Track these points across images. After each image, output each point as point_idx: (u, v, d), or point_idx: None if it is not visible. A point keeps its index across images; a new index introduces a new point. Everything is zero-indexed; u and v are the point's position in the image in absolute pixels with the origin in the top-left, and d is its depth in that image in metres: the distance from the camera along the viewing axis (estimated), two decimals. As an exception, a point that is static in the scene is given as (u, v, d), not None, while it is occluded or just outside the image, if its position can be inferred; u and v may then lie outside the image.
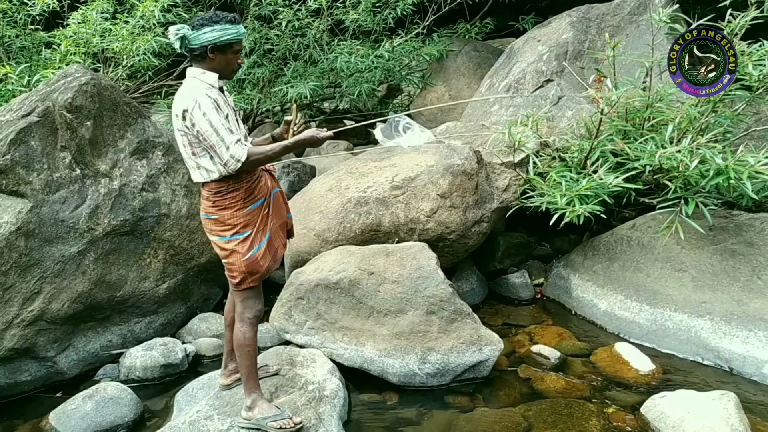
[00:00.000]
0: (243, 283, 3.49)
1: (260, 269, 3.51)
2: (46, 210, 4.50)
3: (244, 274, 3.46)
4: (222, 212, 3.39)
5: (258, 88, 8.38)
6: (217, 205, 3.39)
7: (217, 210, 3.39)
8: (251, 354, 3.58)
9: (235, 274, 3.46)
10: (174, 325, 5.22)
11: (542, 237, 6.53)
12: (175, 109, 3.28)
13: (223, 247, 3.45)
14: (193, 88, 3.25)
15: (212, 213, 3.41)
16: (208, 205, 3.42)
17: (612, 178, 4.88)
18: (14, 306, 4.37)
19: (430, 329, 4.43)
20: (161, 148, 5.13)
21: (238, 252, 3.43)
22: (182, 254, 5.15)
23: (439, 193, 5.21)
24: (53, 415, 4.08)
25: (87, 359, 4.75)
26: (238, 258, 3.43)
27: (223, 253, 3.47)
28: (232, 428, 3.59)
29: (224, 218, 3.40)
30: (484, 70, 8.45)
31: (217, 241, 3.46)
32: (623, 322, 5.08)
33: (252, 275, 3.49)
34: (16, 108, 4.73)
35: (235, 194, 3.39)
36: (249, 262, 3.45)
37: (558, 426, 3.91)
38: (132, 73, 7.51)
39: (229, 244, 3.43)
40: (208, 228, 3.49)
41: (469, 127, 6.55)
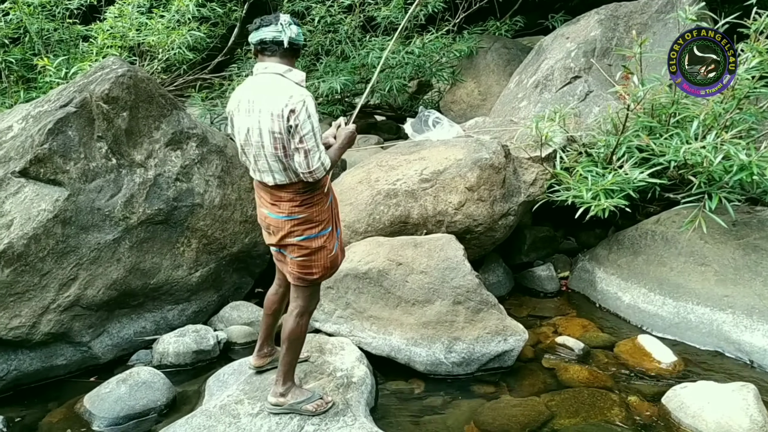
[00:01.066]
0: (321, 278, 3.55)
1: (338, 263, 3.60)
2: (83, 198, 4.61)
3: (325, 269, 3.51)
4: (310, 210, 3.38)
5: (290, 83, 8.43)
6: (306, 204, 3.36)
7: (306, 209, 3.37)
8: (300, 346, 3.67)
9: (315, 270, 3.48)
10: (206, 313, 5.30)
11: (568, 231, 6.57)
12: (269, 108, 3.17)
13: (308, 246, 3.42)
14: (290, 87, 3.20)
15: (299, 213, 3.37)
16: (293, 206, 3.36)
17: (637, 173, 4.95)
18: (51, 291, 4.48)
19: (457, 319, 4.49)
20: (195, 139, 5.22)
21: (326, 248, 3.46)
22: (215, 243, 5.23)
23: (467, 187, 5.25)
24: (88, 398, 4.18)
25: (121, 345, 4.85)
26: (324, 254, 3.47)
27: (306, 251, 3.43)
28: (261, 412, 3.67)
29: (313, 216, 3.39)
30: (513, 67, 8.48)
31: (301, 241, 3.41)
32: (646, 314, 5.14)
33: (331, 270, 3.57)
34: (54, 99, 4.85)
35: (320, 191, 3.39)
36: (333, 257, 3.51)
37: (580, 415, 3.99)
38: (167, 67, 7.62)
39: (316, 242, 3.43)
40: (288, 230, 3.41)
41: (498, 122, 6.58)
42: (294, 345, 3.61)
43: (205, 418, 3.68)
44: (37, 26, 7.07)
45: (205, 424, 3.64)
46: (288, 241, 3.45)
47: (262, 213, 3.54)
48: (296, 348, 3.63)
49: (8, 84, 7.20)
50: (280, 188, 3.36)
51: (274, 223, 3.44)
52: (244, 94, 3.34)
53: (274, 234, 3.49)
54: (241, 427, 3.59)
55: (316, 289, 3.66)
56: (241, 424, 3.60)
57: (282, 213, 3.39)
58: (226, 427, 3.59)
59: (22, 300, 4.36)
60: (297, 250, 3.44)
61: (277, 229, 3.44)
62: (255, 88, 3.29)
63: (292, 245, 3.45)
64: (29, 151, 4.50)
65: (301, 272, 3.50)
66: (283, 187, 3.35)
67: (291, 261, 3.51)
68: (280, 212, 3.39)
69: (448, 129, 6.13)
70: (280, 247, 3.54)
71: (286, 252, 3.52)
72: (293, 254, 3.47)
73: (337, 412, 3.69)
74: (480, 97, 9.00)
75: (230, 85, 7.95)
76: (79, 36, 7.44)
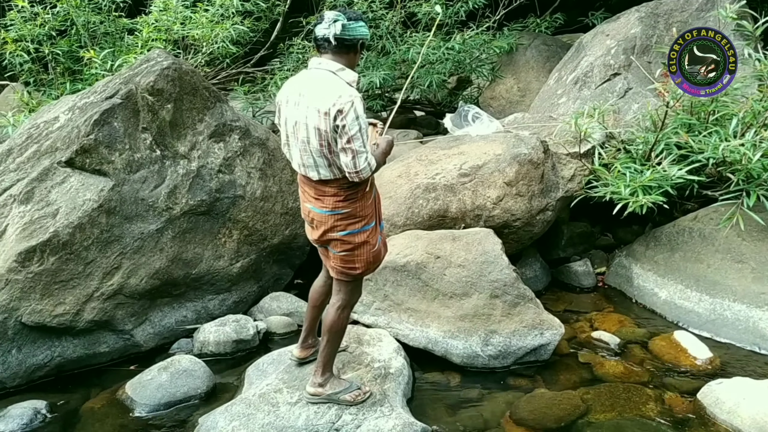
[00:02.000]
0: (364, 273, 3.57)
1: (381, 258, 3.63)
2: (127, 189, 4.69)
3: (368, 264, 3.54)
4: (354, 205, 3.39)
5: (330, 78, 8.48)
6: (350, 199, 3.38)
7: (350, 204, 3.38)
8: (340, 339, 3.73)
9: (359, 265, 3.50)
10: (246, 303, 5.35)
11: (605, 227, 6.53)
12: (317, 104, 3.17)
13: (351, 241, 3.44)
14: (340, 86, 3.19)
15: (343, 208, 3.38)
16: (337, 201, 3.38)
17: (675, 170, 4.95)
18: (95, 280, 4.56)
19: (494, 312, 4.51)
20: (238, 131, 5.28)
21: (369, 243, 3.49)
22: (256, 235, 5.29)
23: (505, 181, 5.24)
24: (129, 385, 4.26)
25: (162, 333, 4.92)
26: (367, 249, 3.49)
27: (349, 246, 3.45)
28: (300, 401, 3.72)
29: (356, 211, 3.41)
30: (553, 64, 8.44)
31: (345, 236, 3.43)
32: (683, 311, 5.11)
33: (374, 264, 3.59)
34: (100, 90, 4.94)
35: (364, 186, 3.41)
36: (376, 252, 3.54)
37: (616, 409, 4.00)
38: (210, 60, 7.70)
39: (359, 237, 3.44)
40: (332, 224, 3.42)
41: (537, 118, 6.56)
42: (334, 337, 3.64)
43: (244, 406, 3.74)
44: (83, 19, 7.20)
45: (244, 411, 3.70)
46: (331, 236, 3.46)
47: (305, 208, 3.56)
48: (336, 340, 3.67)
49: (55, 76, 7.36)
50: (324, 183, 3.37)
51: (318, 217, 3.46)
52: (295, 86, 3.36)
53: (317, 228, 3.50)
54: (280, 415, 3.63)
55: (359, 284, 3.69)
56: (279, 413, 3.65)
57: (326, 207, 3.40)
58: (265, 415, 3.65)
59: (67, 288, 4.45)
60: (340, 245, 3.46)
61: (321, 223, 3.46)
62: (306, 83, 3.30)
63: (336, 240, 3.46)
64: (75, 142, 4.59)
65: (344, 267, 3.52)
66: (327, 182, 3.36)
67: (334, 256, 3.52)
68: (324, 207, 3.41)
69: (488, 124, 6.12)
70: (323, 243, 3.56)
71: (329, 247, 3.53)
72: (336, 249, 3.49)
73: (375, 403, 3.72)
74: (519, 94, 8.96)
75: (272, 79, 8.00)
76: (125, 29, 7.56)
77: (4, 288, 4.28)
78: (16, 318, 4.31)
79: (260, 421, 3.61)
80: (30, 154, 4.70)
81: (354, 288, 3.65)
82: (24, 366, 4.39)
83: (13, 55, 7.01)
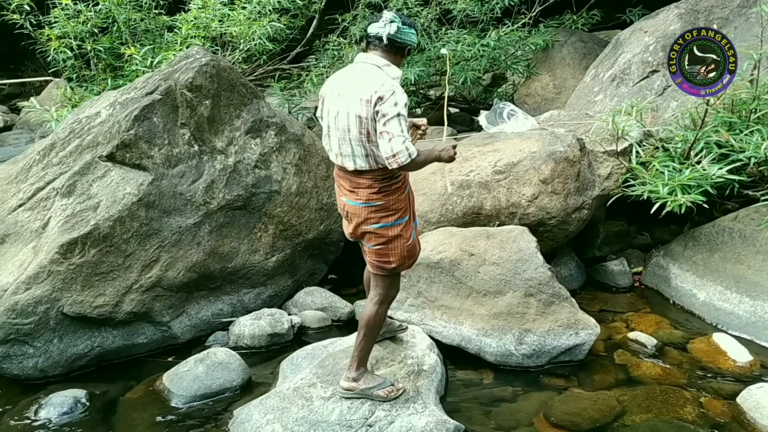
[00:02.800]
0: (399, 267, 3.59)
1: (416, 253, 3.66)
2: (166, 183, 4.77)
3: (403, 258, 3.56)
4: (388, 198, 3.43)
5: (365, 74, 8.51)
6: (383, 191, 3.41)
7: (384, 196, 3.42)
8: (377, 334, 3.73)
9: (393, 259, 3.52)
10: (281, 297, 5.41)
11: (642, 226, 6.45)
12: (359, 93, 3.25)
13: (385, 234, 3.47)
14: (381, 76, 3.28)
15: (377, 200, 3.42)
16: (371, 193, 3.42)
17: (716, 169, 4.87)
18: (134, 272, 4.65)
19: (528, 311, 4.49)
20: (274, 127, 5.34)
21: (403, 237, 3.51)
22: (291, 230, 5.34)
23: (541, 179, 5.22)
24: (167, 376, 4.33)
25: (199, 326, 4.99)
26: (401, 243, 3.51)
27: (383, 240, 3.48)
28: (333, 396, 3.73)
29: (389, 204, 3.44)
30: (589, 61, 8.37)
31: (378, 229, 3.46)
32: (722, 312, 5.02)
33: (409, 259, 3.61)
34: (140, 86, 5.02)
35: (399, 178, 3.47)
36: (411, 246, 3.56)
37: (652, 411, 3.94)
38: (248, 57, 7.79)
39: (393, 230, 3.47)
40: (365, 217, 3.46)
41: (573, 115, 6.51)
42: (370, 332, 3.65)
43: (278, 400, 3.78)
44: (124, 16, 7.33)
45: (278, 405, 3.73)
46: (364, 229, 3.49)
47: (341, 202, 3.60)
48: (372, 335, 3.68)
49: (96, 72, 7.49)
50: (359, 174, 3.41)
51: (352, 210, 3.50)
52: (339, 78, 3.45)
53: (351, 221, 3.55)
54: (314, 409, 3.66)
55: (396, 279, 3.71)
56: (313, 407, 3.68)
57: (359, 199, 3.44)
58: (298, 409, 3.68)
59: (107, 280, 4.54)
60: (374, 238, 3.49)
61: (354, 215, 3.50)
62: (351, 75, 3.39)
63: (369, 233, 3.49)
64: (116, 137, 4.68)
65: (379, 261, 3.55)
66: (362, 173, 3.40)
67: (369, 250, 3.56)
68: (358, 199, 3.45)
69: (523, 121, 6.09)
70: (358, 237, 3.60)
71: (364, 241, 3.57)
72: (370, 243, 3.52)
73: (408, 399, 3.73)
74: (555, 91, 8.91)
75: (308, 75, 8.06)
76: (165, 26, 7.68)
77: (47, 279, 4.37)
78: (57, 308, 4.40)
79: (294, 415, 3.64)
80: (72, 149, 4.80)
81: (391, 283, 3.67)
82: (65, 356, 4.48)
83: (56, 51, 7.17)
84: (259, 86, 8.28)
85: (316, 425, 3.58)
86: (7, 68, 13.05)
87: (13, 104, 11.70)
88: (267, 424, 3.62)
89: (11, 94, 12.80)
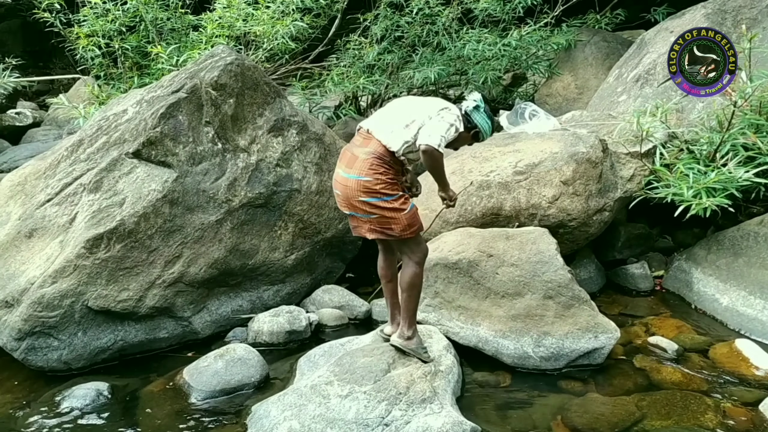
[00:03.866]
0: (404, 232, 3.79)
1: (418, 221, 3.87)
2: (190, 180, 4.84)
3: (405, 227, 3.78)
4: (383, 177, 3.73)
5: (387, 74, 8.55)
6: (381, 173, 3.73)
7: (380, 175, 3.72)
8: (419, 293, 4.01)
9: (395, 226, 3.76)
10: (299, 295, 5.46)
11: (664, 229, 6.35)
12: (435, 105, 3.86)
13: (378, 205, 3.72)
14: (451, 110, 3.84)
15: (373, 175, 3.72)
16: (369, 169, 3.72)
17: (742, 172, 4.81)
18: (157, 268, 4.72)
19: (547, 313, 4.48)
20: (296, 126, 5.39)
21: (398, 209, 3.75)
22: (310, 228, 5.39)
23: (562, 180, 5.20)
24: (187, 371, 4.39)
25: (219, 321, 5.06)
26: (400, 214, 3.75)
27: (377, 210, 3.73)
28: (351, 394, 3.76)
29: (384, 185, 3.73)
30: (612, 61, 8.31)
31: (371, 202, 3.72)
32: (745, 318, 4.94)
33: (413, 228, 3.82)
34: (166, 85, 5.10)
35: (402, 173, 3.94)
36: (410, 215, 3.80)
37: (672, 418, 3.88)
38: (270, 56, 7.84)
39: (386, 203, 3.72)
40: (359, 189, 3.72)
41: (595, 116, 6.48)
42: (413, 292, 3.94)
43: (296, 397, 3.82)
44: (151, 15, 7.44)
45: (296, 402, 3.78)
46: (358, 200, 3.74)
47: (337, 174, 3.88)
48: (416, 295, 3.97)
49: (123, 70, 7.60)
50: (372, 150, 3.75)
51: (344, 182, 3.78)
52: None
53: (343, 194, 3.82)
54: (331, 407, 3.70)
55: (415, 241, 3.92)
56: (330, 405, 3.72)
57: (354, 173, 3.73)
58: (316, 406, 3.72)
59: (131, 275, 4.62)
60: (369, 208, 3.75)
61: (347, 188, 3.77)
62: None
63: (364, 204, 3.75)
64: (142, 134, 4.76)
65: (382, 228, 3.80)
66: (375, 151, 3.75)
67: (368, 220, 3.82)
68: (352, 172, 3.74)
69: (545, 121, 6.07)
70: (353, 209, 3.82)
71: (360, 214, 3.82)
72: (365, 214, 3.79)
73: (424, 399, 3.74)
74: (577, 91, 8.86)
75: (329, 75, 8.10)
76: (190, 25, 7.79)
77: (73, 273, 4.46)
78: (82, 302, 4.49)
79: (311, 412, 3.69)
80: (99, 145, 4.90)
81: (413, 244, 3.90)
82: (89, 349, 4.57)
83: (85, 49, 7.29)
84: (281, 85, 8.33)
85: (332, 423, 3.62)
86: (36, 66, 13.23)
87: (41, 101, 11.86)
88: (284, 421, 3.66)
89: (40, 92, 12.99)
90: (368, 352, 4.14)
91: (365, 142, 3.81)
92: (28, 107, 11.26)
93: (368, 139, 3.81)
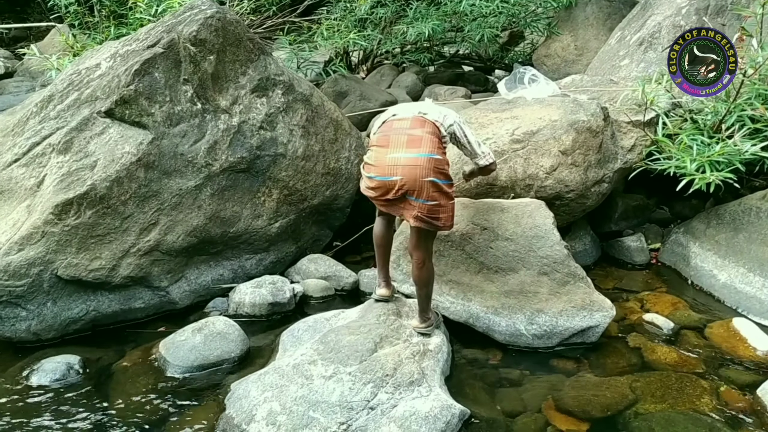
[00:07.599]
0: (447, 222, 3.83)
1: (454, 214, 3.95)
2: (166, 143, 4.57)
3: (448, 219, 3.83)
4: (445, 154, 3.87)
5: (379, 29, 8.26)
6: (443, 147, 3.89)
7: (443, 151, 3.86)
8: (432, 283, 4.04)
9: (443, 215, 3.78)
10: (283, 264, 5.27)
11: (661, 200, 6.13)
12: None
13: (441, 188, 3.73)
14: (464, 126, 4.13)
15: (439, 153, 3.77)
16: (434, 146, 3.76)
17: (749, 145, 4.65)
18: (131, 235, 4.49)
19: (541, 290, 4.32)
20: (281, 86, 5.10)
21: (453, 198, 3.87)
22: (296, 195, 5.15)
23: (560, 150, 4.97)
24: (163, 345, 4.20)
25: (198, 291, 4.86)
26: (453, 204, 3.87)
27: (437, 194, 3.71)
28: (335, 375, 3.61)
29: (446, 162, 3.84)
30: (615, 22, 8.06)
31: (436, 182, 3.70)
32: (744, 296, 4.80)
33: (453, 218, 3.90)
34: (142, 38, 4.79)
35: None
36: (454, 205, 3.90)
37: (666, 401, 3.76)
38: (256, 8, 7.52)
39: (447, 187, 3.78)
40: (428, 167, 3.68)
41: (596, 81, 6.24)
42: (427, 285, 3.99)
43: (277, 377, 3.64)
44: (130, -39, 7.06)
45: (277, 382, 3.60)
46: (424, 180, 3.66)
47: (393, 159, 3.72)
48: (430, 286, 4.01)
49: (100, 19, 7.25)
50: (429, 126, 3.83)
51: (411, 162, 3.68)
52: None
53: (410, 176, 3.67)
54: (314, 389, 3.52)
55: (433, 236, 3.99)
56: (313, 386, 3.54)
57: (422, 151, 3.69)
58: (298, 387, 3.54)
59: (103, 243, 4.39)
60: (433, 190, 3.69)
61: (413, 168, 3.67)
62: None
63: (431, 186, 3.68)
64: (115, 92, 4.47)
65: (429, 216, 3.73)
66: (432, 127, 3.83)
67: (420, 204, 3.70)
68: (420, 151, 3.70)
69: (545, 87, 5.80)
70: (407, 191, 3.70)
71: (414, 197, 3.70)
72: (422, 198, 3.69)
73: (412, 382, 3.59)
74: (576, 52, 8.60)
75: (318, 29, 7.79)
76: (171, -28, 7.39)
77: (40, 240, 4.22)
78: (51, 271, 4.26)
79: (293, 393, 3.51)
80: (70, 102, 4.60)
81: (430, 242, 3.97)
82: (59, 319, 4.36)
83: (59, -5, 6.92)
84: (268, 39, 8.02)
85: (315, 405, 3.44)
86: (13, 11, 12.74)
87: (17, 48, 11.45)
88: (265, 402, 3.49)
89: (17, 38, 12.52)
90: (354, 329, 3.97)
91: (422, 123, 3.83)
92: (1, 56, 10.85)
93: (423, 121, 3.84)
